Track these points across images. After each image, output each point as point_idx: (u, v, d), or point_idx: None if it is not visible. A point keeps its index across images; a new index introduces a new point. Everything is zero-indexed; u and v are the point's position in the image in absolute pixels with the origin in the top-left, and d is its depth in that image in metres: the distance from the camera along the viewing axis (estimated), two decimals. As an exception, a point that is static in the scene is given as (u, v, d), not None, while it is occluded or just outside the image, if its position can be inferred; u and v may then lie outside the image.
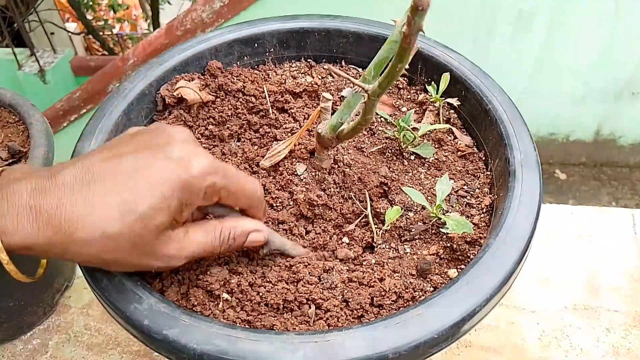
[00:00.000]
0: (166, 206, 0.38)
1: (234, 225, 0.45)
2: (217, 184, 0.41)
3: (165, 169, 0.39)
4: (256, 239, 0.46)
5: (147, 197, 0.38)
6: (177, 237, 0.42)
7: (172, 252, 0.41)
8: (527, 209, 0.48)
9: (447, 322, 0.41)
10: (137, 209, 0.37)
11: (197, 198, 0.41)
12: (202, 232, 0.43)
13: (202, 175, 0.40)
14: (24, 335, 0.81)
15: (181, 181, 0.39)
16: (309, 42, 0.70)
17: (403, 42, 0.33)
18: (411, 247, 0.53)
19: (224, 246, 0.45)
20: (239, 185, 0.44)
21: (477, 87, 0.60)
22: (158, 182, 0.38)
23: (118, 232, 0.37)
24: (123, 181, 0.38)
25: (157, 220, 0.38)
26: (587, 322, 0.82)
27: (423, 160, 0.60)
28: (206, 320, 0.42)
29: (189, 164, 0.39)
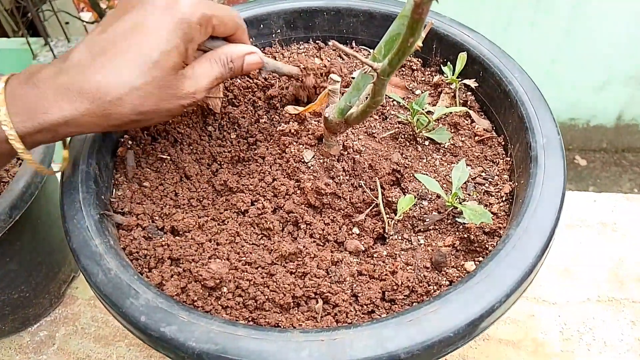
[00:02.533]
0: (173, 47, 0.43)
1: (229, 51, 0.49)
2: (207, 13, 0.45)
3: (159, 17, 0.43)
4: (253, 60, 0.51)
5: (156, 45, 0.42)
6: (189, 74, 0.46)
7: (192, 87, 0.46)
8: (550, 197, 0.45)
9: (463, 320, 0.38)
10: (151, 58, 0.42)
11: (195, 31, 0.45)
12: (206, 63, 0.48)
13: (192, 10, 0.44)
14: (31, 327, 0.80)
15: (177, 20, 0.43)
16: (317, 23, 0.66)
17: (414, 13, 0.30)
18: (425, 238, 0.50)
19: (227, 69, 0.49)
20: (223, 11, 0.48)
21: (496, 67, 0.56)
22: (159, 29, 0.42)
23: (143, 81, 0.42)
24: (129, 40, 0.42)
25: (171, 61, 0.43)
26: (611, 314, 0.78)
27: (438, 146, 0.56)
28: (206, 317, 0.39)
29: (177, 4, 0.43)
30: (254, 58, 0.51)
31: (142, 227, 0.50)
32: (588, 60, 2.36)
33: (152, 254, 0.47)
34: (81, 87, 0.41)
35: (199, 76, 0.47)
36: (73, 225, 0.45)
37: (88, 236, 0.44)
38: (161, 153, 0.55)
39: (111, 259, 0.43)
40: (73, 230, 0.44)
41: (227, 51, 0.49)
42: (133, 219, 0.50)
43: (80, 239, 0.44)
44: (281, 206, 0.52)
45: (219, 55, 0.49)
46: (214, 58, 0.48)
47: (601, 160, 2.73)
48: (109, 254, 0.43)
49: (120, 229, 0.49)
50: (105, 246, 0.44)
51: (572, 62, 2.38)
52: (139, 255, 0.47)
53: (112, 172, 0.54)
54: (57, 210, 0.48)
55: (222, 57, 0.49)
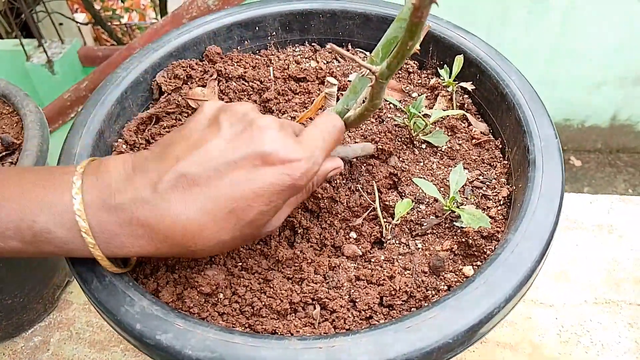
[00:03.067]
0: (272, 207, 0.40)
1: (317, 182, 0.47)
2: (314, 173, 0.41)
3: (268, 176, 0.38)
4: (335, 174, 0.48)
5: (255, 206, 0.38)
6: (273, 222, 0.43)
7: (270, 228, 0.43)
8: (549, 201, 0.45)
9: (462, 326, 0.38)
10: (247, 217, 0.39)
11: (300, 193, 0.45)
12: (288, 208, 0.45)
13: (304, 175, 0.40)
14: (25, 333, 0.79)
15: (287, 185, 0.39)
16: (313, 25, 0.66)
17: (413, 16, 0.30)
18: (423, 243, 0.49)
19: (309, 193, 0.48)
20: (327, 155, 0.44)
21: (493, 70, 0.56)
22: (264, 189, 0.38)
23: (231, 238, 0.39)
24: (226, 192, 0.38)
25: (265, 220, 0.40)
26: (608, 316, 0.78)
27: (435, 149, 0.56)
28: (202, 325, 0.39)
29: (292, 167, 0.39)
30: (336, 172, 0.47)
31: None
32: (583, 61, 2.37)
33: (148, 260, 0.47)
34: (167, 231, 0.37)
35: (280, 218, 0.44)
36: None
37: (82, 242, 0.43)
38: None
39: (106, 265, 0.42)
40: (67, 237, 0.44)
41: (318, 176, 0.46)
42: None
43: (74, 246, 0.43)
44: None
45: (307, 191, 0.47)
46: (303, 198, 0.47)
47: (596, 160, 2.74)
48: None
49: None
50: (99, 252, 0.43)
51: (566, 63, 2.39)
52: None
53: (106, 177, 0.53)
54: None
55: (309, 186, 0.47)
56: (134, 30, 5.07)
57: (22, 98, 0.69)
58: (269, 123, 0.40)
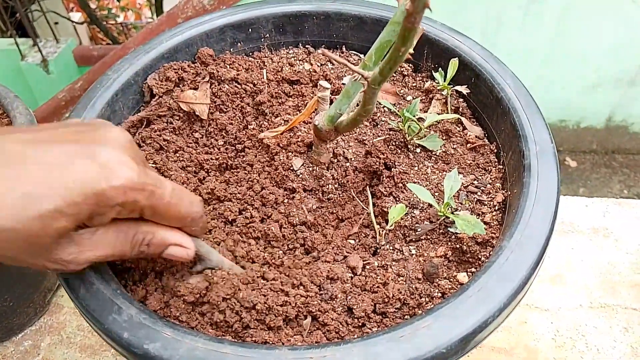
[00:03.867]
0: (73, 212, 0.33)
1: (151, 231, 0.39)
2: (138, 202, 0.36)
3: (83, 171, 0.34)
4: (176, 254, 0.41)
5: (54, 197, 0.33)
6: (81, 240, 0.37)
7: (70, 256, 0.36)
8: (544, 207, 0.44)
9: (456, 335, 0.37)
10: (39, 207, 0.32)
11: (110, 210, 0.35)
12: (113, 232, 0.38)
13: (123, 189, 0.35)
14: (15, 337, 0.78)
15: (97, 189, 0.34)
16: (306, 27, 0.65)
17: (406, 22, 0.29)
18: (417, 249, 0.49)
19: (134, 252, 0.39)
20: (168, 207, 0.38)
21: (489, 74, 0.55)
22: (71, 183, 0.33)
23: (11, 227, 0.32)
24: (33, 171, 0.33)
25: (59, 224, 0.33)
26: (603, 321, 0.77)
27: (430, 153, 0.55)
28: (191, 334, 0.38)
29: (112, 172, 0.34)
30: (179, 252, 0.41)
31: None
32: (578, 62, 2.37)
33: (136, 266, 0.46)
34: None
35: (92, 246, 0.37)
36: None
37: (70, 249, 0.43)
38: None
39: (93, 272, 0.42)
40: (54, 243, 0.43)
41: (150, 232, 0.39)
42: None
43: (62, 252, 0.43)
44: (269, 215, 0.51)
45: (135, 232, 0.39)
46: (128, 232, 0.38)
47: (591, 161, 2.74)
48: (90, 268, 0.42)
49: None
50: (87, 259, 0.42)
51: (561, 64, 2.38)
52: (122, 268, 0.46)
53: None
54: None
55: (138, 237, 0.39)
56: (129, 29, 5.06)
57: (12, 100, 0.68)
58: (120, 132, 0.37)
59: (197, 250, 0.43)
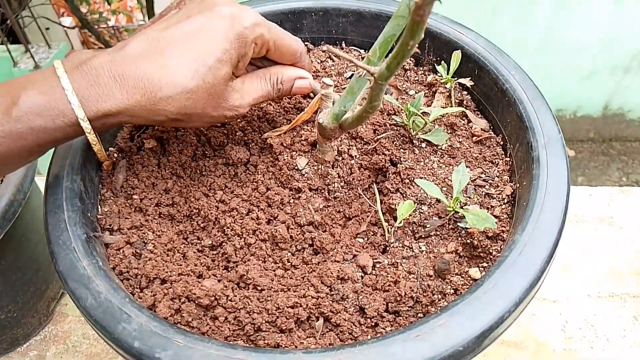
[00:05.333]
0: (228, 57, 0.44)
1: (280, 71, 0.50)
2: (264, 35, 0.46)
3: (221, 26, 0.44)
4: (302, 85, 0.51)
5: (212, 52, 0.43)
6: (238, 87, 0.47)
7: (237, 101, 0.47)
8: (555, 199, 0.44)
9: (473, 332, 0.37)
10: (206, 64, 0.43)
11: (250, 48, 0.46)
12: (256, 78, 0.49)
13: (252, 27, 0.45)
14: (20, 347, 0.77)
15: (236, 33, 0.44)
16: (305, 24, 0.64)
17: (415, 14, 0.28)
18: (427, 245, 0.48)
19: (275, 90, 0.50)
20: (283, 40, 0.49)
21: (492, 65, 0.54)
22: (218, 38, 0.43)
23: (195, 85, 0.43)
24: (189, 43, 0.43)
25: (223, 71, 0.44)
26: (612, 310, 0.77)
27: (435, 148, 0.55)
28: (203, 340, 0.37)
29: (240, 18, 0.44)
30: (303, 83, 0.51)
31: (130, 243, 0.48)
32: (573, 51, 2.36)
33: (143, 272, 0.45)
34: (136, 79, 0.42)
35: (247, 92, 0.48)
36: (59, 247, 0.42)
37: (75, 258, 0.42)
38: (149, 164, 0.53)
39: (100, 281, 0.41)
40: (59, 252, 0.42)
41: (279, 72, 0.50)
42: (122, 237, 0.47)
43: (67, 261, 0.42)
44: (275, 216, 0.50)
45: (270, 75, 0.50)
46: (265, 76, 0.49)
47: (589, 150, 2.74)
48: (98, 276, 0.41)
49: (109, 247, 0.47)
50: (93, 267, 0.42)
51: (557, 54, 2.38)
52: (129, 275, 0.45)
53: (97, 188, 0.51)
54: (42, 227, 0.46)
55: (273, 78, 0.50)
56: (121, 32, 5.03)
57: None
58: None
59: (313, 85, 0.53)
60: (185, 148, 0.54)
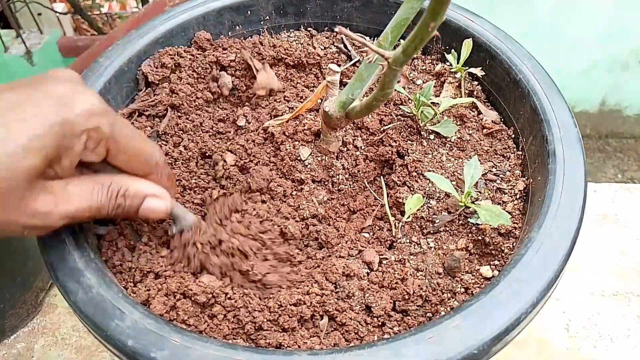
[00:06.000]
0: (39, 146, 0.32)
1: (126, 182, 0.38)
2: (101, 129, 0.35)
3: (42, 105, 0.33)
4: (154, 206, 0.39)
5: (18, 135, 0.32)
6: (54, 189, 0.35)
7: (45, 207, 0.34)
8: (572, 195, 0.41)
9: (488, 335, 0.35)
10: (4, 148, 0.31)
11: (77, 142, 0.34)
12: (88, 183, 0.37)
13: (84, 115, 0.34)
14: (7, 339, 0.75)
15: (59, 119, 0.33)
16: (308, 8, 0.62)
17: (440, -8, 0.26)
18: (435, 241, 0.46)
19: (111, 204, 0.37)
20: (132, 140, 0.37)
21: (505, 55, 0.52)
22: (32, 118, 0.32)
23: None
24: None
25: (27, 162, 0.32)
26: (616, 309, 0.75)
27: (444, 140, 0.52)
28: (201, 339, 0.35)
29: (70, 100, 0.34)
30: (156, 204, 0.39)
31: (124, 235, 0.45)
32: (571, 46, 2.35)
33: (137, 265, 0.43)
34: None
35: (67, 197, 0.35)
36: (49, 238, 0.40)
37: (65, 250, 0.39)
38: None
39: (92, 274, 0.38)
40: (49, 243, 0.40)
41: (125, 182, 0.38)
42: (115, 228, 0.45)
43: (57, 253, 0.39)
44: (279, 209, 0.47)
45: (110, 183, 0.37)
46: (103, 183, 0.37)
47: (585, 146, 2.72)
48: (89, 269, 0.39)
49: (102, 239, 0.45)
50: (85, 260, 0.39)
51: (555, 48, 2.36)
52: (122, 269, 0.43)
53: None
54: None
55: (114, 187, 0.37)
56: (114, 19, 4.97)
57: None
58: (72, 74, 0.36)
59: (172, 209, 0.41)
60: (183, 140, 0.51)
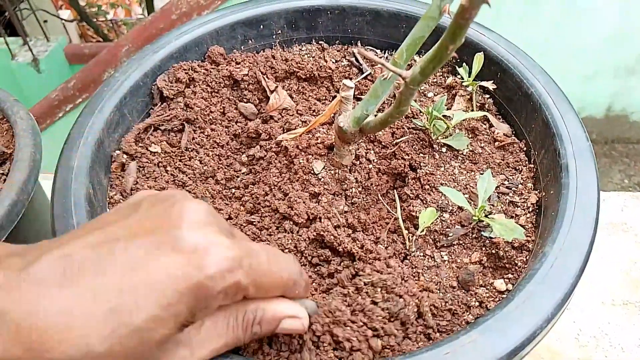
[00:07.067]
0: (171, 315, 0.29)
1: (260, 307, 0.34)
2: (241, 283, 0.31)
3: (171, 266, 0.29)
4: (292, 327, 0.35)
5: (146, 305, 0.28)
6: (188, 340, 0.31)
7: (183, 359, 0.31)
8: (586, 209, 0.42)
9: (504, 350, 0.35)
10: (131, 321, 0.28)
11: (214, 301, 0.30)
12: (221, 319, 0.33)
13: (221, 274, 0.30)
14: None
15: (193, 283, 0.29)
16: (320, 22, 0.62)
17: (460, 17, 0.27)
18: (449, 255, 0.46)
19: (248, 334, 0.34)
20: (271, 277, 0.33)
21: (516, 68, 0.53)
22: (161, 283, 0.28)
23: (107, 350, 0.27)
24: (114, 281, 0.28)
25: (159, 334, 0.29)
26: (627, 318, 0.76)
27: (456, 153, 0.53)
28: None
29: (204, 258, 0.29)
30: (295, 325, 0.36)
31: None
32: (577, 52, 2.35)
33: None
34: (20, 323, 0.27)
35: (201, 342, 0.32)
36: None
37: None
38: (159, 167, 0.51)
39: None
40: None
41: (257, 308, 0.34)
42: None
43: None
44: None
45: (244, 313, 0.33)
46: (236, 315, 0.33)
47: (591, 151, 2.72)
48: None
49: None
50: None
51: (560, 54, 2.37)
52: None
53: (106, 190, 0.49)
54: (46, 228, 0.44)
55: (249, 316, 0.34)
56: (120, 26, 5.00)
57: (12, 104, 0.65)
58: (197, 206, 0.32)
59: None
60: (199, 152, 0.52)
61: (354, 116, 0.45)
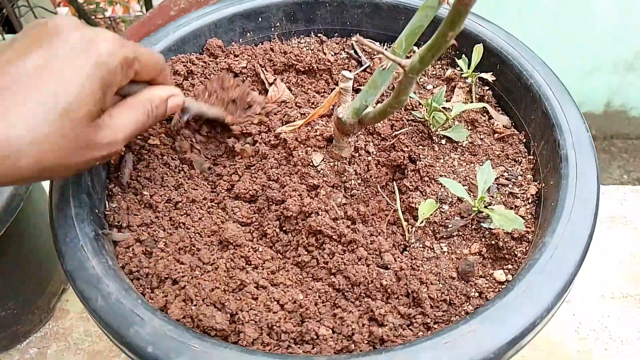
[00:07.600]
0: (90, 93, 0.36)
1: (150, 95, 0.44)
2: (129, 56, 0.39)
3: (73, 57, 0.36)
4: (175, 103, 0.46)
5: (65, 91, 0.35)
6: (106, 123, 0.39)
7: (108, 138, 0.39)
8: (585, 200, 0.42)
9: (504, 339, 0.35)
10: (59, 105, 0.35)
11: (115, 76, 0.39)
12: (126, 110, 0.42)
13: (113, 50, 0.38)
14: (20, 345, 0.75)
15: (94, 63, 0.36)
16: (319, 15, 0.62)
17: (459, 3, 0.26)
18: (448, 246, 0.46)
19: (151, 118, 0.44)
20: (147, 55, 0.42)
21: (516, 60, 0.52)
22: (71, 72, 0.36)
23: (47, 132, 0.34)
24: (34, 81, 0.35)
25: (83, 110, 0.36)
26: (626, 311, 0.76)
27: (455, 145, 0.53)
28: (221, 345, 0.35)
29: (96, 44, 0.37)
30: (176, 100, 0.47)
31: (140, 241, 0.46)
32: (576, 47, 2.34)
33: (154, 271, 0.43)
34: None
35: (118, 125, 0.40)
36: (67, 246, 0.40)
37: (84, 257, 0.40)
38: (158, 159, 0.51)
39: (111, 281, 0.39)
40: (67, 251, 0.40)
41: (150, 96, 0.44)
42: (131, 234, 0.45)
43: (75, 261, 0.40)
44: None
45: (141, 101, 0.43)
46: (136, 104, 0.43)
47: (590, 147, 2.72)
48: (108, 276, 0.39)
49: (118, 245, 0.45)
50: (103, 267, 0.40)
51: (559, 49, 2.36)
52: (139, 275, 0.43)
53: (104, 182, 0.49)
54: (44, 221, 0.44)
55: (146, 104, 0.43)
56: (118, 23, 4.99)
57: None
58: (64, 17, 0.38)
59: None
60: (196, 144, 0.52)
61: (353, 107, 0.45)
